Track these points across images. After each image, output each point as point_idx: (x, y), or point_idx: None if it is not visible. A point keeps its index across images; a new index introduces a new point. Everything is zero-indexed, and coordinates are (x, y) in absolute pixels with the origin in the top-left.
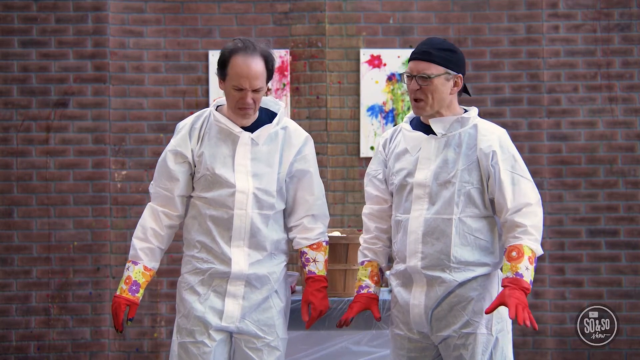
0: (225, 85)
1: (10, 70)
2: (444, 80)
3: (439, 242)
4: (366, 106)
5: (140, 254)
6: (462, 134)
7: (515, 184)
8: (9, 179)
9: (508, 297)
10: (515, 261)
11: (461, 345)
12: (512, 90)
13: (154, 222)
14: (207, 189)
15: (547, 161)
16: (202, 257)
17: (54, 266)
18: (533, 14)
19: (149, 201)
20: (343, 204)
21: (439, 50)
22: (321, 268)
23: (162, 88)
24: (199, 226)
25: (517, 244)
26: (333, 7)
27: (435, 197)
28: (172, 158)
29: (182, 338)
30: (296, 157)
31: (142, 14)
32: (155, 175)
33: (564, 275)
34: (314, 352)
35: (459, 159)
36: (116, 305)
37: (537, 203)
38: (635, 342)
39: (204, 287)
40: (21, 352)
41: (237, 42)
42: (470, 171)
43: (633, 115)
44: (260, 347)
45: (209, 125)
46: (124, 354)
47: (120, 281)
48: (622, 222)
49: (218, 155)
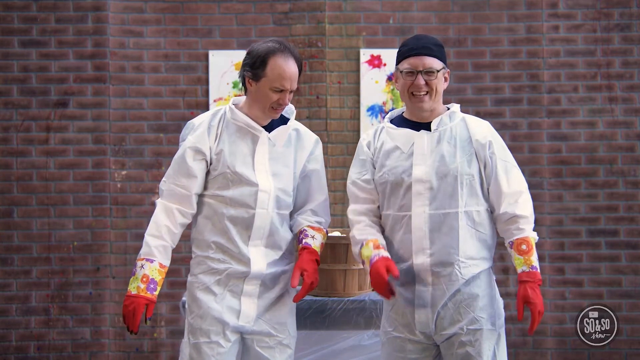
0: (260, 85)
1: (10, 70)
2: (442, 75)
3: (446, 236)
4: (366, 106)
5: (154, 251)
6: (452, 128)
7: (509, 172)
8: (9, 179)
9: (533, 301)
10: (527, 254)
11: (467, 342)
12: (512, 90)
13: (168, 220)
14: (226, 187)
15: (547, 161)
16: (218, 258)
17: (54, 266)
18: (533, 14)
19: (158, 198)
20: (343, 204)
21: (436, 46)
22: (317, 245)
23: (162, 88)
24: (213, 226)
25: (524, 237)
26: (333, 7)
27: (436, 192)
28: (191, 155)
29: (196, 339)
30: (309, 158)
31: (142, 14)
32: (171, 172)
33: (564, 275)
34: (314, 352)
35: (457, 152)
36: (135, 305)
37: (527, 189)
38: (635, 342)
39: (220, 287)
40: (21, 352)
41: (274, 43)
42: (469, 162)
43: (633, 115)
44: (273, 346)
45: (225, 123)
46: (124, 354)
47: (134, 280)
48: (622, 222)
49: (238, 154)
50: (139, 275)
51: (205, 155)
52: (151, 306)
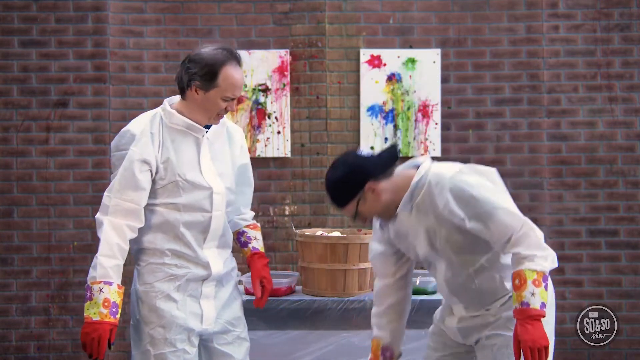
0: (210, 94)
1: (10, 70)
2: (363, 202)
3: (469, 293)
4: (366, 106)
5: (110, 272)
6: (424, 199)
7: (491, 222)
8: (9, 179)
9: (521, 337)
10: (518, 290)
11: (489, 345)
12: (512, 90)
13: (118, 237)
14: (177, 195)
15: (547, 161)
16: (175, 264)
17: (54, 266)
18: (533, 14)
19: (103, 214)
20: None
21: (335, 191)
22: (262, 245)
23: (162, 88)
24: (165, 234)
25: (518, 270)
26: (333, 7)
27: (443, 262)
28: (138, 167)
29: (159, 349)
30: (240, 152)
31: (142, 14)
32: (117, 186)
33: (564, 275)
34: (313, 352)
35: (437, 226)
36: (101, 332)
37: (523, 225)
38: (635, 342)
39: (179, 294)
40: (21, 352)
41: (223, 52)
42: (451, 231)
43: (633, 115)
44: (231, 341)
45: (164, 128)
46: (124, 354)
47: (92, 305)
48: (622, 222)
49: (184, 159)
50: (98, 299)
51: (152, 166)
52: (114, 330)
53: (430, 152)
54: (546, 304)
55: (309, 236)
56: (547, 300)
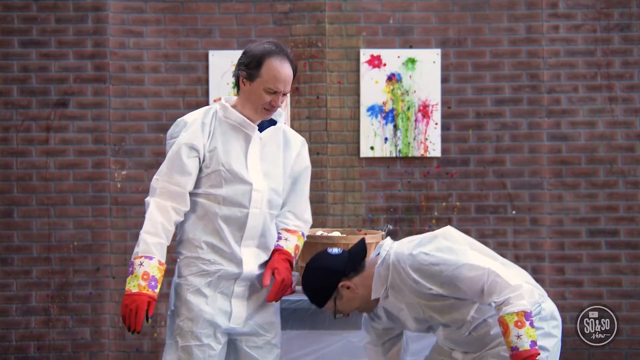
0: (254, 85)
1: (10, 70)
2: (340, 299)
3: (470, 341)
4: (366, 106)
5: (152, 248)
6: (394, 279)
7: (458, 282)
8: (9, 179)
9: None
10: (505, 336)
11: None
12: (512, 90)
13: (163, 218)
14: (218, 186)
15: (547, 161)
16: (209, 259)
17: (54, 266)
18: (533, 14)
19: (151, 196)
20: (343, 204)
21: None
22: (290, 247)
23: (162, 88)
24: (205, 226)
25: (499, 318)
26: (333, 7)
27: (436, 325)
28: (186, 151)
29: (186, 341)
30: (296, 160)
31: (142, 14)
32: (165, 169)
33: (564, 275)
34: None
35: (416, 299)
36: (138, 303)
37: (488, 274)
38: (635, 342)
39: (210, 289)
40: (21, 352)
41: (270, 45)
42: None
43: (633, 115)
44: (262, 345)
45: (218, 121)
46: (124, 354)
47: (133, 278)
48: (622, 222)
49: (231, 152)
50: (138, 273)
51: (199, 152)
52: (153, 304)
53: (430, 152)
54: (536, 341)
55: (309, 236)
56: (536, 335)
